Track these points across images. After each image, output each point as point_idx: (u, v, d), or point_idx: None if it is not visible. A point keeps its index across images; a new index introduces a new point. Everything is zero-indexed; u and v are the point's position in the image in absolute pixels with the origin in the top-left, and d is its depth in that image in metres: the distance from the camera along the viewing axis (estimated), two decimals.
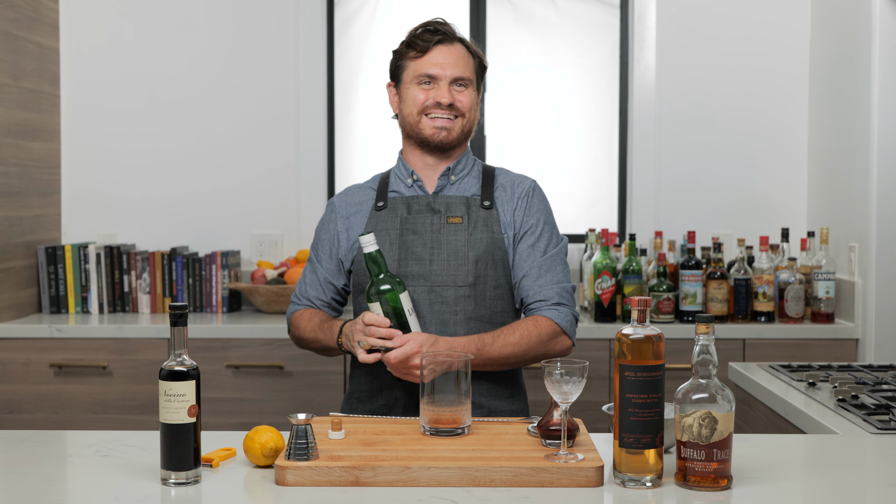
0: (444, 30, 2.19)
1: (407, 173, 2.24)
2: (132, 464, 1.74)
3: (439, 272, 2.15)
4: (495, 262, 2.17)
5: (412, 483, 1.61)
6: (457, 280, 2.14)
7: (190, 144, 3.98)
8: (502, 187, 2.24)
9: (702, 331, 1.61)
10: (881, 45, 3.29)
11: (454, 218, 2.18)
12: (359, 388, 2.24)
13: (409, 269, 2.16)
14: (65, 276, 3.73)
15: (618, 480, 1.62)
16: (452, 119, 2.19)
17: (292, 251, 3.99)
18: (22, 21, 3.62)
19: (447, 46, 2.19)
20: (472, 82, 2.22)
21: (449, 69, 2.17)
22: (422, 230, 2.18)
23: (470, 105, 2.20)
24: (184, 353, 1.65)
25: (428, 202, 2.20)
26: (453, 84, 2.18)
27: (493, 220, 2.19)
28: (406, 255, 2.16)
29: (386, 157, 4.04)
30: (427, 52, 2.18)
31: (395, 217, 2.20)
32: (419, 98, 2.18)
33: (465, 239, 2.16)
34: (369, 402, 2.22)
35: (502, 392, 2.20)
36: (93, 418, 3.43)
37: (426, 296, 2.15)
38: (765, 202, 3.95)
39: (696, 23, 3.94)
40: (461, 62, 2.19)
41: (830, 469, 1.76)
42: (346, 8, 4.08)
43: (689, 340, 3.40)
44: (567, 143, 4.10)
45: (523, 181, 2.26)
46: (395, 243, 2.18)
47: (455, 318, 2.15)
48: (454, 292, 2.15)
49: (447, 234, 2.17)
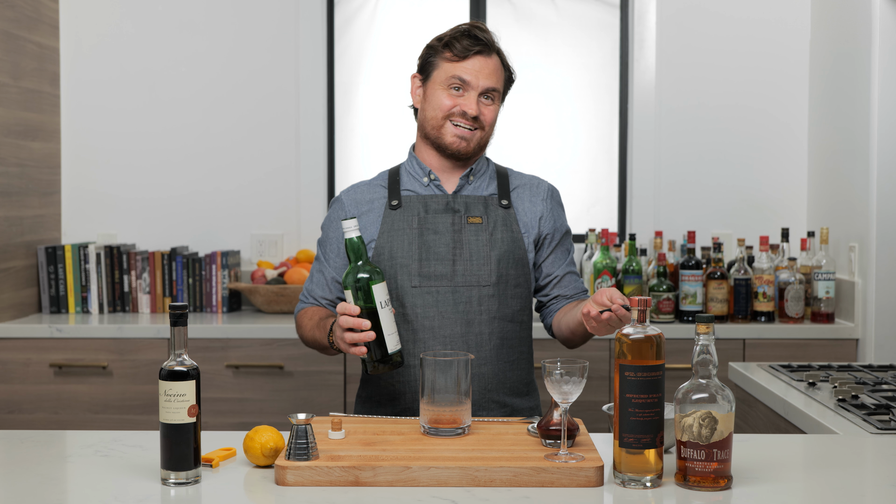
0: (485, 39, 2.17)
1: (423, 172, 2.23)
2: (132, 464, 1.74)
3: (463, 272, 2.15)
4: (516, 262, 2.18)
5: (412, 483, 1.61)
6: (480, 280, 2.15)
7: (190, 144, 3.98)
8: (520, 188, 2.26)
9: (702, 331, 1.61)
10: (881, 45, 3.29)
11: (474, 218, 2.18)
12: (377, 391, 2.21)
13: (431, 270, 2.15)
14: (65, 276, 3.73)
15: (618, 480, 1.63)
16: (472, 130, 2.17)
17: (292, 251, 3.99)
18: (22, 21, 3.62)
19: (485, 58, 2.17)
20: (499, 95, 2.21)
21: (483, 79, 2.15)
22: (443, 230, 2.17)
23: (492, 120, 2.20)
24: (184, 353, 1.65)
25: (447, 202, 2.19)
26: (482, 96, 2.17)
27: (512, 219, 2.20)
28: (428, 256, 2.15)
29: (386, 157, 4.04)
30: (465, 59, 2.15)
31: (412, 216, 2.18)
32: (445, 103, 2.16)
33: (487, 239, 2.17)
34: (390, 405, 2.18)
35: (521, 390, 2.22)
36: (93, 418, 3.43)
37: (450, 296, 2.14)
38: (765, 202, 3.95)
39: (696, 23, 3.94)
40: (494, 75, 2.17)
41: (830, 469, 1.76)
42: (346, 8, 4.08)
43: (689, 340, 3.40)
44: (567, 143, 4.10)
45: (540, 183, 2.29)
46: (414, 242, 2.16)
47: (480, 318, 2.15)
48: (478, 292, 2.15)
49: (468, 233, 2.17)
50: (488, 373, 2.16)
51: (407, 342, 2.15)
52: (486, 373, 2.16)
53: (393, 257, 2.16)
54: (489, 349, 2.16)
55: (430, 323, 2.14)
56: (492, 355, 2.16)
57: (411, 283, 2.14)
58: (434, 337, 2.14)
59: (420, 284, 2.14)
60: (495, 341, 2.16)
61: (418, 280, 2.14)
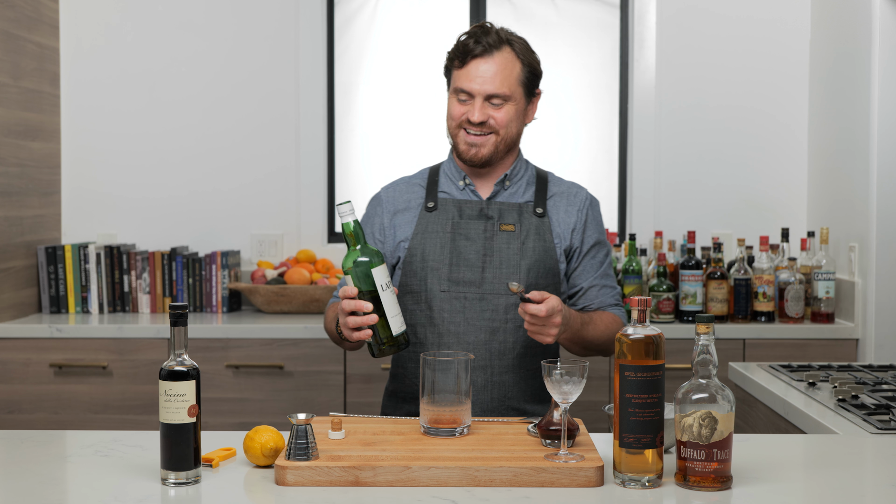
0: (484, 41, 2.12)
1: (459, 175, 2.22)
2: (132, 464, 1.74)
3: (491, 280, 2.14)
4: (546, 272, 2.16)
5: (412, 483, 1.61)
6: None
7: (190, 144, 3.98)
8: (558, 196, 2.23)
9: (702, 331, 1.61)
10: (881, 45, 3.29)
11: (507, 226, 2.17)
12: (403, 387, 2.22)
13: (460, 276, 2.14)
14: (65, 276, 3.73)
15: (618, 480, 1.63)
16: (484, 136, 2.14)
17: (292, 251, 3.99)
18: (22, 21, 3.62)
19: (485, 60, 2.12)
20: (511, 97, 2.13)
21: (485, 85, 2.11)
22: (475, 236, 2.16)
23: (507, 121, 2.13)
24: (184, 353, 1.65)
25: (481, 208, 2.18)
26: (488, 101, 2.12)
27: (546, 228, 2.18)
28: (458, 261, 2.14)
29: (386, 157, 4.04)
30: (465, 64, 2.12)
31: (446, 220, 2.17)
32: (455, 112, 2.16)
33: (518, 248, 2.15)
34: (415, 402, 2.16)
35: (543, 396, 2.21)
36: (93, 418, 3.43)
37: (477, 303, 2.13)
38: (765, 202, 3.95)
39: (696, 22, 3.94)
40: (499, 76, 2.11)
41: (830, 469, 1.76)
42: (346, 8, 4.08)
43: (689, 340, 3.40)
44: (567, 143, 4.10)
45: (578, 192, 2.25)
46: (446, 247, 2.15)
47: (505, 327, 2.14)
48: (505, 300, 2.14)
49: (500, 241, 2.15)
50: (509, 381, 2.15)
51: (432, 346, 2.15)
52: (507, 381, 2.15)
53: (425, 260, 2.15)
54: (512, 358, 2.15)
55: (455, 329, 2.14)
56: (514, 364, 2.15)
57: (440, 288, 2.14)
58: (459, 343, 2.13)
59: (448, 289, 2.14)
60: (519, 350, 2.15)
61: (447, 285, 2.14)
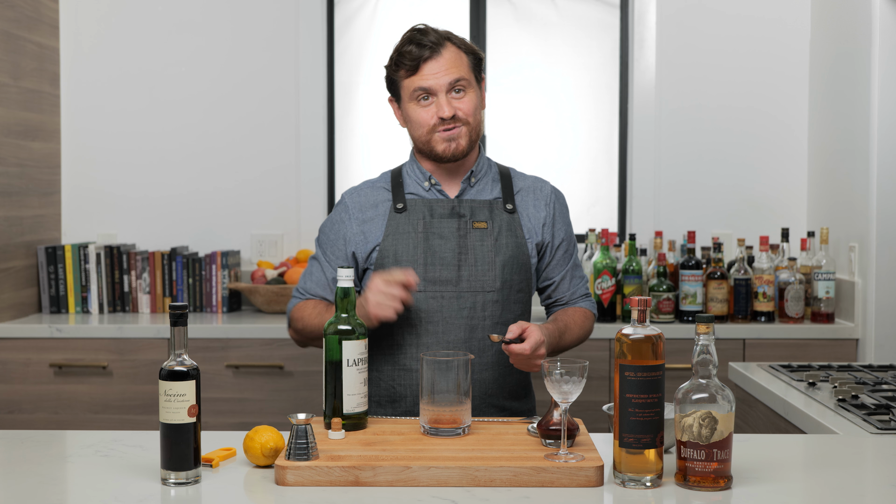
0: (428, 41, 2.13)
1: (424, 177, 2.22)
2: (132, 464, 1.74)
3: (468, 278, 2.14)
4: (520, 267, 2.18)
5: (412, 483, 1.61)
6: (485, 286, 2.14)
7: (190, 144, 3.98)
8: (524, 191, 2.25)
9: (702, 331, 1.61)
10: (881, 45, 3.29)
11: (479, 223, 2.17)
12: (377, 391, 2.20)
13: (436, 274, 2.14)
14: (65, 276, 3.73)
15: (618, 480, 1.63)
16: (457, 128, 2.15)
17: (292, 251, 3.99)
18: (22, 21, 3.62)
19: (436, 59, 2.12)
20: (470, 82, 2.16)
21: (443, 77, 2.12)
22: (448, 235, 2.16)
23: (472, 110, 2.16)
24: (184, 353, 1.65)
25: (452, 206, 2.18)
26: (451, 91, 2.14)
27: (517, 224, 2.20)
28: (433, 260, 2.14)
29: (386, 157, 4.04)
30: (418, 70, 2.13)
31: (417, 220, 2.17)
32: (423, 118, 2.15)
33: (492, 244, 2.16)
34: (390, 406, 2.18)
35: (520, 393, 2.22)
36: (93, 418, 3.43)
37: (454, 301, 2.14)
38: (765, 202, 3.95)
39: (697, 22, 3.94)
40: (454, 67, 2.13)
41: (830, 469, 1.76)
42: (346, 8, 4.08)
43: (689, 340, 3.40)
44: (567, 143, 4.10)
45: (543, 186, 2.28)
46: (419, 247, 2.15)
47: (483, 324, 2.15)
48: (482, 298, 2.14)
49: (473, 239, 2.16)
50: (489, 378, 2.16)
51: (410, 346, 2.15)
52: (487, 378, 2.16)
53: (398, 261, 2.15)
54: (491, 355, 2.16)
55: (434, 328, 2.14)
56: (494, 360, 2.16)
57: (416, 288, 2.14)
58: (438, 342, 2.14)
59: (425, 289, 2.14)
60: (498, 347, 2.16)
61: (423, 284, 2.13)
